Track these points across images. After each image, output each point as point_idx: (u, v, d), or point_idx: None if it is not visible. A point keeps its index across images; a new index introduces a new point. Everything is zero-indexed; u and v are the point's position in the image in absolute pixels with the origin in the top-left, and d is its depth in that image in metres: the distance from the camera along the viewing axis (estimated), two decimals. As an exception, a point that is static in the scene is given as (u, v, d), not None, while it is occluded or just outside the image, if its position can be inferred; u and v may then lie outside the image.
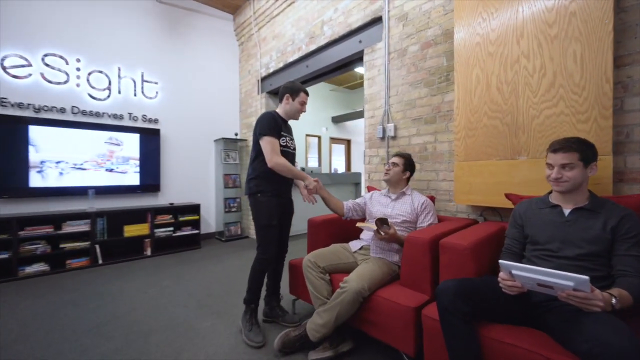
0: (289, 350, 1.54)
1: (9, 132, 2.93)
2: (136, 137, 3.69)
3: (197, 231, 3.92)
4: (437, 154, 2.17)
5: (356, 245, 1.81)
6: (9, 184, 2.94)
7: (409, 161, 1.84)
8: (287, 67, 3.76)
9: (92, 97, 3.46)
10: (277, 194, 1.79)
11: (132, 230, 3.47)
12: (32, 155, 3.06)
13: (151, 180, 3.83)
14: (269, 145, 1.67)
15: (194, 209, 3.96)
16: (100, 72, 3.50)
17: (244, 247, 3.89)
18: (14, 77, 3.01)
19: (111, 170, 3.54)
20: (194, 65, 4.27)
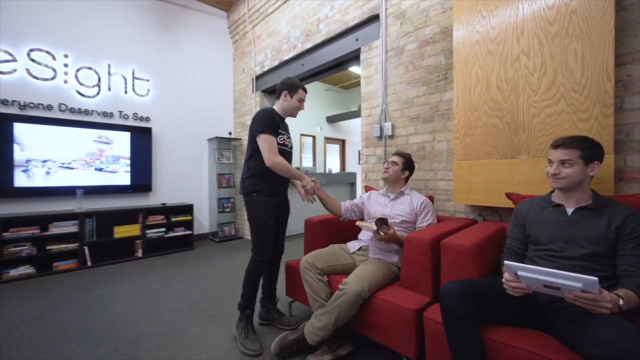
0: (287, 354, 1.50)
1: (-7, 129, 2.82)
2: (127, 136, 3.59)
3: (190, 232, 3.84)
4: (435, 153, 2.15)
5: (354, 245, 1.78)
6: (-8, 184, 2.83)
7: (409, 161, 1.82)
8: (282, 65, 3.71)
9: (81, 94, 3.35)
10: (274, 193, 1.73)
11: (122, 231, 3.37)
12: (17, 154, 2.94)
13: (142, 179, 3.73)
14: (267, 143, 1.62)
15: (187, 209, 3.87)
16: (89, 68, 3.40)
17: (238, 248, 3.83)
18: (-3, 72, 2.90)
19: (101, 169, 3.43)
20: (187, 62, 4.18)
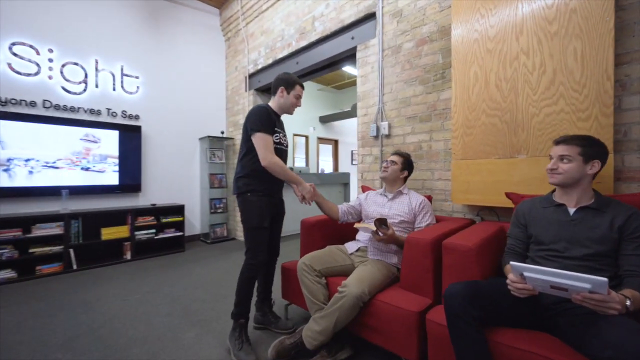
0: (284, 359, 1.45)
1: (-29, 126, 2.68)
2: (115, 134, 3.48)
3: (181, 233, 3.74)
4: (433, 153, 2.13)
5: (353, 246, 1.74)
6: (-30, 184, 2.69)
7: (408, 161, 1.79)
8: (276, 63, 3.65)
9: (67, 90, 3.23)
10: (269, 193, 1.66)
11: (110, 232, 3.26)
12: (-2, 152, 2.81)
13: (131, 179, 3.62)
14: (263, 142, 1.55)
15: (178, 210, 3.77)
16: (75, 64, 3.27)
17: (230, 249, 3.75)
18: (-24, 66, 2.76)
19: (87, 169, 3.31)
20: (178, 59, 4.08)
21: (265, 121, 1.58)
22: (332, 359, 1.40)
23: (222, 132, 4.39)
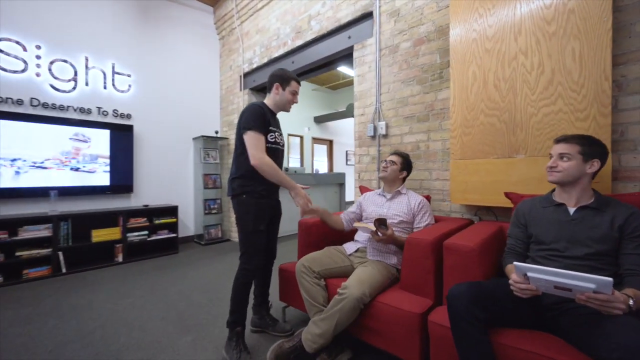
0: (283, 363, 1.42)
1: (-46, 125, 2.58)
2: (106, 134, 3.40)
3: (174, 235, 3.67)
4: (430, 153, 2.13)
5: (351, 247, 1.72)
6: (-47, 185, 2.58)
7: (407, 161, 1.79)
8: (271, 62, 3.62)
9: (55, 88, 3.13)
10: (265, 194, 1.61)
11: (101, 234, 3.17)
12: (-18, 152, 2.71)
13: (123, 180, 3.53)
14: (253, 140, 1.49)
15: (171, 211, 3.70)
16: (64, 61, 3.18)
17: (225, 251, 3.69)
18: (-40, 63, 2.66)
19: (77, 169, 3.22)
20: (171, 58, 4.01)
21: (258, 119, 1.53)
22: (332, 362, 1.38)
23: (217, 132, 4.33)
